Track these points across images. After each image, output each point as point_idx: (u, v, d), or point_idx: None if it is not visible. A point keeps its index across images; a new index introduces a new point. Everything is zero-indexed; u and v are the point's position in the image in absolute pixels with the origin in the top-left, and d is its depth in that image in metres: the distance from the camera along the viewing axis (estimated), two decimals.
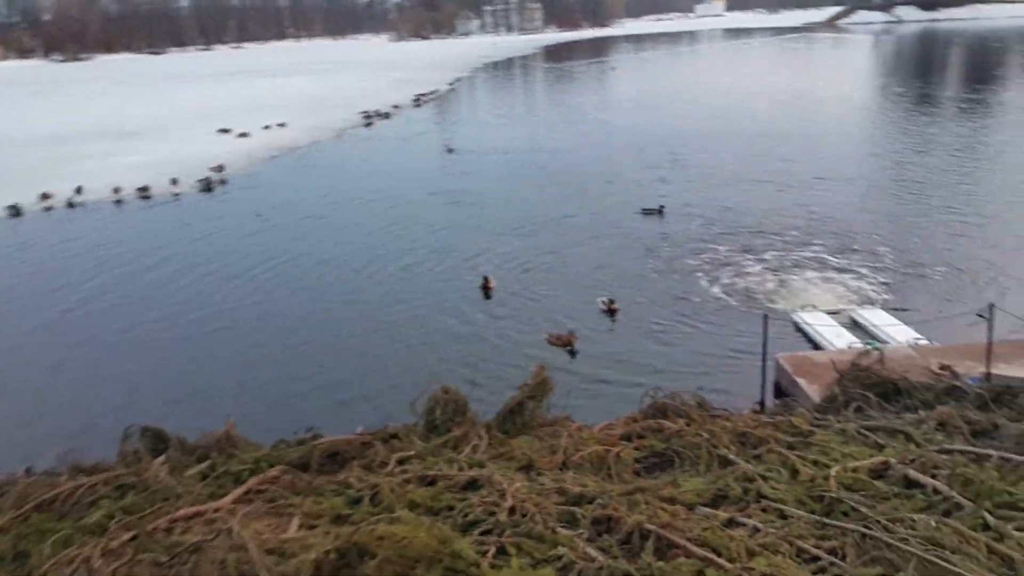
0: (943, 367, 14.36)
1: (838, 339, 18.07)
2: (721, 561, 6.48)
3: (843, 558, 6.36)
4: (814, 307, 20.33)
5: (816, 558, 6.42)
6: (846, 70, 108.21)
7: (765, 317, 15.56)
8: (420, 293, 24.76)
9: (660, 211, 32.46)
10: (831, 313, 19.81)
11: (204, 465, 12.61)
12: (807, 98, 73.91)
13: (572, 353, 19.57)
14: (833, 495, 7.46)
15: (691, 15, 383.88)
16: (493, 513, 8.39)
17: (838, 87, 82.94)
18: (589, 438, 11.62)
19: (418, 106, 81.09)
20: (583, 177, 41.92)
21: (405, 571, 7.27)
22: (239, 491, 10.52)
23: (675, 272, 24.97)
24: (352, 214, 36.57)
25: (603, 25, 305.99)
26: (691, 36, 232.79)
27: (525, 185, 40.89)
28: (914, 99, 69.65)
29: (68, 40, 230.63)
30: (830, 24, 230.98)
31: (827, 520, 6.90)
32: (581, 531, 7.78)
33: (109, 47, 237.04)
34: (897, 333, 17.93)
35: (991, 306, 12.37)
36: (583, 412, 14.85)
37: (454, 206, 37.16)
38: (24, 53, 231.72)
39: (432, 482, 10.37)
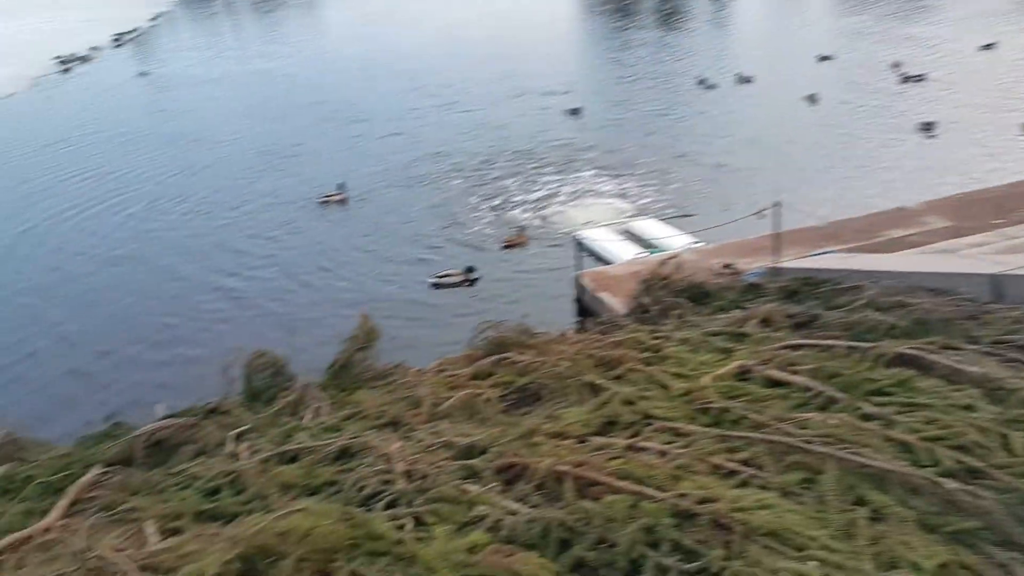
0: (725, 266, 15.94)
1: (622, 252, 19.17)
2: (650, 491, 6.69)
3: (759, 468, 6.74)
4: (592, 224, 21.39)
5: (733, 472, 6.78)
6: None
7: (575, 239, 16.09)
8: (192, 258, 22.47)
9: (576, 112, 33.57)
10: (608, 227, 21.01)
11: None
12: (521, 16, 74.71)
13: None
14: (719, 406, 7.91)
15: None
16: (389, 481, 8.00)
17: (549, 4, 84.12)
18: (442, 383, 11.44)
19: (119, 46, 71.51)
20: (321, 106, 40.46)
21: (323, 566, 6.74)
22: (63, 503, 9.01)
23: (450, 205, 24.97)
24: (82, 170, 31.87)
25: None
26: None
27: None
28: (622, 11, 73.62)
29: None
30: None
31: (729, 432, 7.33)
32: (490, 484, 7.69)
33: None
34: (673, 239, 19.45)
35: (777, 204, 13.73)
36: (406, 356, 14.53)
37: (199, 148, 34.00)
38: None
39: (294, 458, 9.66)
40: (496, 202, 24.50)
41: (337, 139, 33.88)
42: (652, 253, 18.37)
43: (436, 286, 18.95)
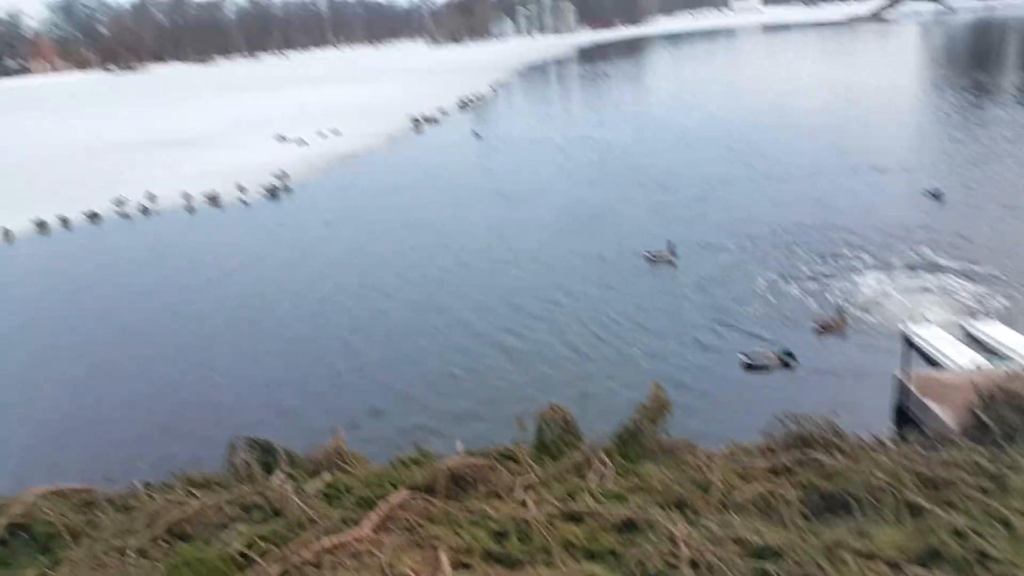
0: None
1: (958, 355, 16.92)
2: None
3: None
4: (926, 321, 19.15)
5: None
6: (896, 61, 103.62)
7: (904, 334, 14.44)
8: (503, 303, 24.10)
9: (937, 195, 30.76)
10: (946, 327, 18.66)
11: (322, 483, 12.12)
12: (860, 89, 71.17)
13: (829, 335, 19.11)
14: None
15: (727, 11, 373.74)
16: (674, 566, 7.70)
17: (892, 78, 79.27)
18: (734, 471, 10.86)
19: (464, 110, 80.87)
20: (655, 173, 41.46)
21: None
22: (375, 517, 9.95)
23: (761, 286, 23.93)
24: (418, 219, 36.18)
25: (637, 23, 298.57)
26: (729, 33, 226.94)
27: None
28: (976, 88, 66.41)
29: (123, 51, 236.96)
30: (875, 16, 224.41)
31: None
32: None
33: (160, 57, 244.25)
34: (1022, 348, 16.74)
35: None
36: (692, 433, 14.03)
37: (518, 204, 36.86)
38: (82, 65, 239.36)
39: (578, 518, 9.74)
40: (813, 281, 23.08)
41: (649, 204, 34.67)
42: (998, 363, 15.97)
43: (748, 367, 18.01)
